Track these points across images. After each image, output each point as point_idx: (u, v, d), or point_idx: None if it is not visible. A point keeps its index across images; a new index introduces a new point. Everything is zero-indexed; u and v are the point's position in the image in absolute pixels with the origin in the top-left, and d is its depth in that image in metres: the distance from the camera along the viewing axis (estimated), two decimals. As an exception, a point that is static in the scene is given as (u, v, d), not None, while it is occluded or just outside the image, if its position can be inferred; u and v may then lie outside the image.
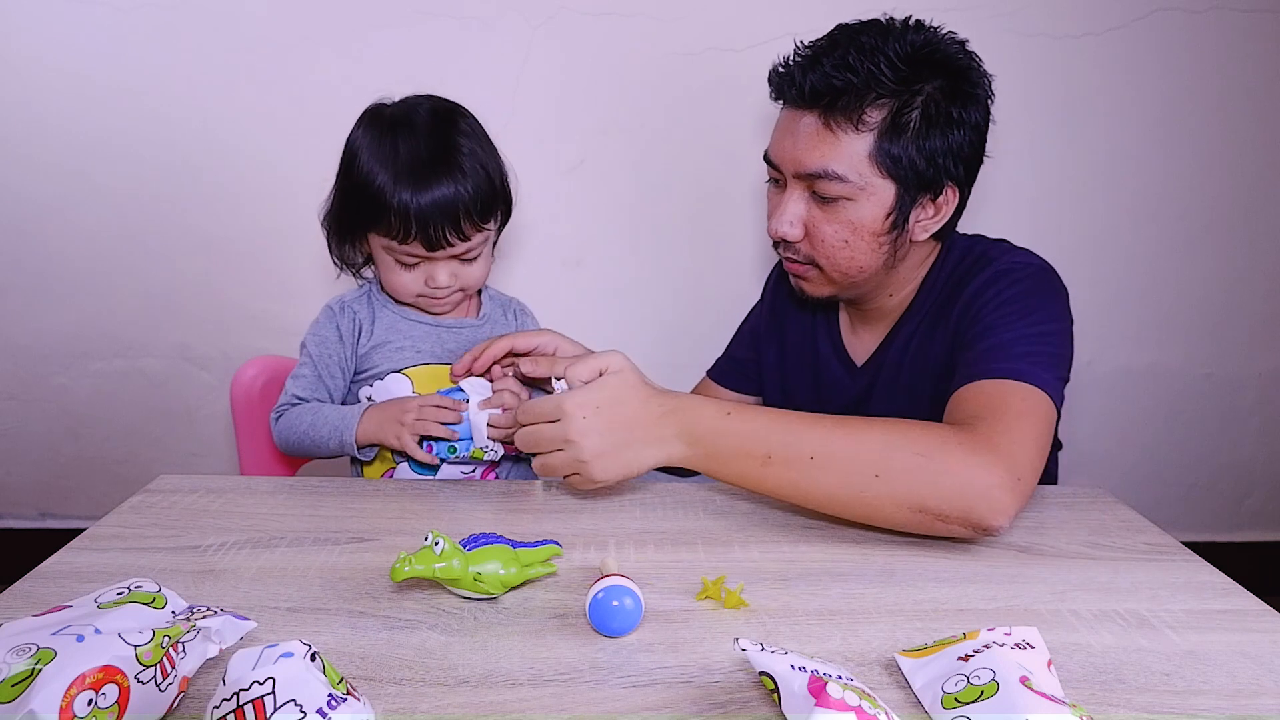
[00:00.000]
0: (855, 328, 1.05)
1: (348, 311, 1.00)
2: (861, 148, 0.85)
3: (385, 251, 0.94)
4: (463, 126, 0.94)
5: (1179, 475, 1.78)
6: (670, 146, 1.54)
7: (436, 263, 0.94)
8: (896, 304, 0.99)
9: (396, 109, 0.95)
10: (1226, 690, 0.56)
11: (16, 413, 1.66)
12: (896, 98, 0.83)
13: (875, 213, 0.87)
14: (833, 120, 0.85)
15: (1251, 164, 1.58)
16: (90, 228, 1.54)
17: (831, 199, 0.87)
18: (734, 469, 0.76)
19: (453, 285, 0.95)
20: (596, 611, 0.60)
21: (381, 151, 0.90)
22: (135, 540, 0.74)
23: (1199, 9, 1.49)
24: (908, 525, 0.74)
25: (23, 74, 1.46)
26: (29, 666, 0.45)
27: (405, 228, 0.89)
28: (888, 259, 0.91)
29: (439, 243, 0.90)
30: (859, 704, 0.44)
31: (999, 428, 0.75)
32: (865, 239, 0.89)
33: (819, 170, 0.86)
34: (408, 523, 0.80)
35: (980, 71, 0.88)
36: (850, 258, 0.90)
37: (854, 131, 0.84)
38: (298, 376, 0.99)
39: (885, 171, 0.85)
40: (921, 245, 0.94)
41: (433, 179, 0.88)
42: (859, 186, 0.86)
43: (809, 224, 0.90)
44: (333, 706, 0.44)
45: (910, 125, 0.84)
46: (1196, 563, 0.74)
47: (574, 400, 0.76)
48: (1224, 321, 1.67)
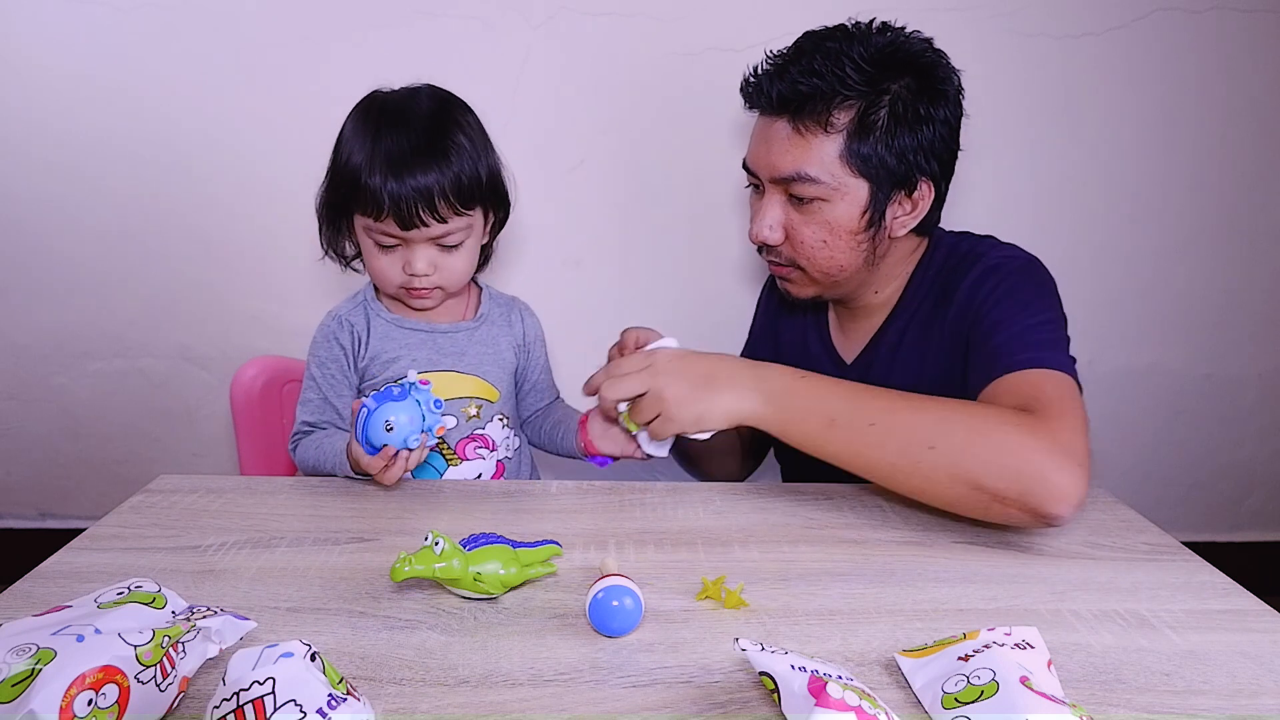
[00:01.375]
0: (844, 326, 1.06)
1: (345, 325, 0.99)
2: (832, 149, 0.87)
3: (365, 233, 0.93)
4: (456, 116, 0.93)
5: (1179, 475, 1.78)
6: (670, 146, 1.54)
7: (414, 247, 0.92)
8: (883, 300, 1.00)
9: (395, 94, 0.95)
10: (1226, 690, 0.56)
11: (16, 413, 1.66)
12: (863, 98, 0.85)
13: (851, 212, 0.89)
14: (802, 124, 0.87)
15: (1251, 164, 1.58)
16: (90, 228, 1.54)
17: (808, 200, 0.89)
18: (800, 429, 0.80)
19: (431, 275, 0.93)
20: (596, 611, 0.60)
21: (367, 130, 0.90)
22: (135, 540, 0.74)
23: (1199, 9, 1.49)
24: (964, 503, 0.75)
25: (23, 74, 1.46)
26: (29, 666, 0.45)
27: (378, 202, 0.88)
28: (868, 256, 0.93)
29: (412, 220, 0.88)
30: (859, 704, 0.44)
31: (1051, 414, 0.75)
32: (843, 238, 0.90)
33: (792, 173, 0.88)
34: (408, 523, 0.80)
35: (948, 68, 0.89)
36: (830, 257, 0.92)
37: (823, 134, 0.86)
38: (305, 402, 0.98)
39: (857, 171, 0.87)
40: (904, 241, 0.96)
41: (413, 158, 0.88)
42: (832, 187, 0.88)
43: (788, 227, 0.92)
44: (333, 706, 0.44)
45: (878, 124, 0.86)
46: (1196, 563, 0.74)
47: (664, 352, 0.85)
48: (1224, 321, 1.67)
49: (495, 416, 1.03)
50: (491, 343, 1.04)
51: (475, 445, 1.01)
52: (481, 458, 1.02)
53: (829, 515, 0.83)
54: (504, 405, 1.04)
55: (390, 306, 1.01)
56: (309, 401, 0.98)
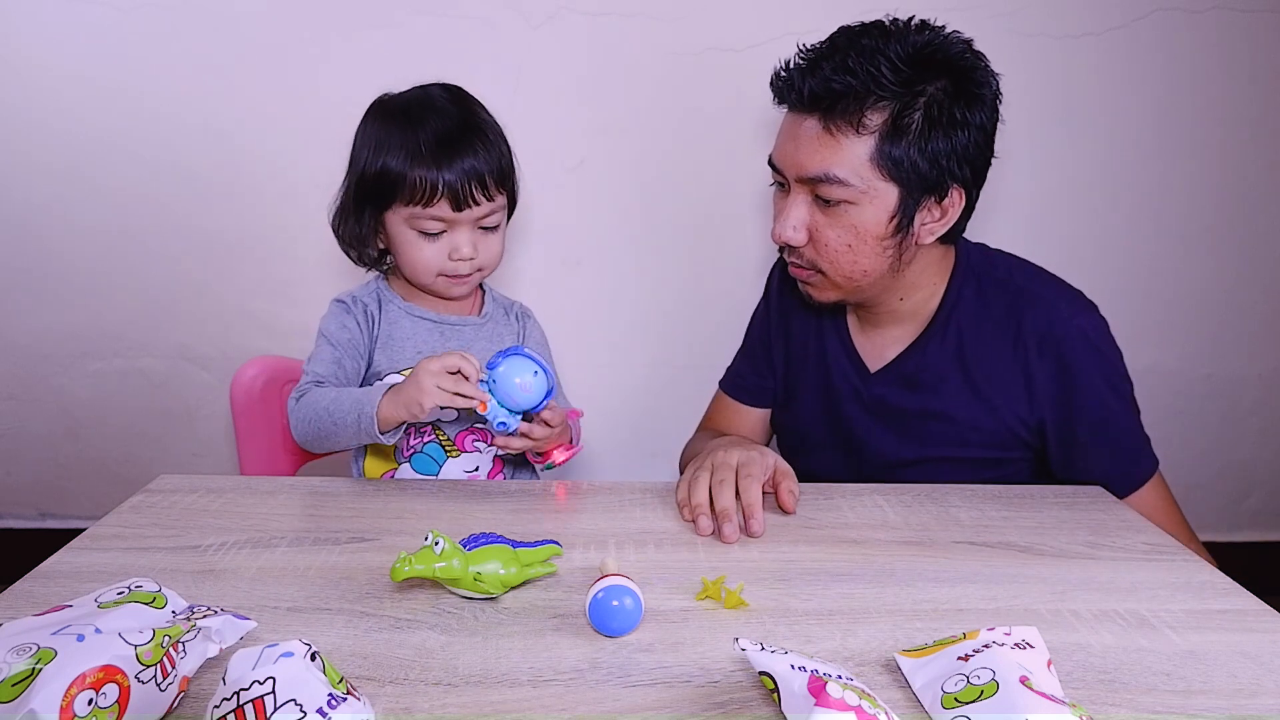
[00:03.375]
0: (866, 331, 1.03)
1: (359, 304, 1.00)
2: (862, 151, 0.84)
3: (408, 225, 0.93)
4: (474, 104, 0.97)
5: (1179, 475, 1.77)
6: (670, 146, 1.54)
7: (460, 230, 0.94)
8: (910, 310, 0.98)
9: (409, 94, 0.97)
10: (1226, 690, 0.56)
11: (16, 413, 1.66)
12: (897, 100, 0.82)
13: (878, 216, 0.87)
14: (832, 124, 0.84)
15: (1251, 164, 1.58)
16: (90, 228, 1.54)
17: (834, 203, 0.87)
18: None
19: (475, 258, 0.95)
20: (596, 611, 0.60)
21: (397, 125, 0.92)
22: (135, 540, 0.74)
23: (1199, 9, 1.49)
24: None
25: (23, 74, 1.46)
26: (29, 666, 0.45)
27: (432, 186, 0.90)
28: (893, 263, 0.90)
29: (466, 200, 0.91)
30: (859, 704, 0.44)
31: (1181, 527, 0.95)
32: (869, 243, 0.88)
33: (820, 174, 0.86)
34: (408, 523, 0.80)
35: (987, 71, 0.87)
36: (854, 262, 0.90)
37: (854, 135, 0.84)
38: (317, 359, 0.96)
39: (887, 174, 0.85)
40: (930, 249, 0.93)
41: (459, 140, 0.91)
42: (861, 190, 0.85)
43: (812, 229, 0.89)
44: (333, 706, 0.44)
45: (912, 127, 0.83)
46: (1196, 563, 0.74)
47: None
48: (1224, 321, 1.67)
49: None
50: (496, 339, 1.05)
51: (473, 438, 1.01)
52: (479, 450, 1.02)
53: (829, 515, 0.83)
54: None
55: (403, 294, 1.02)
56: (322, 359, 0.96)
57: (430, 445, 1.00)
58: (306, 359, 0.98)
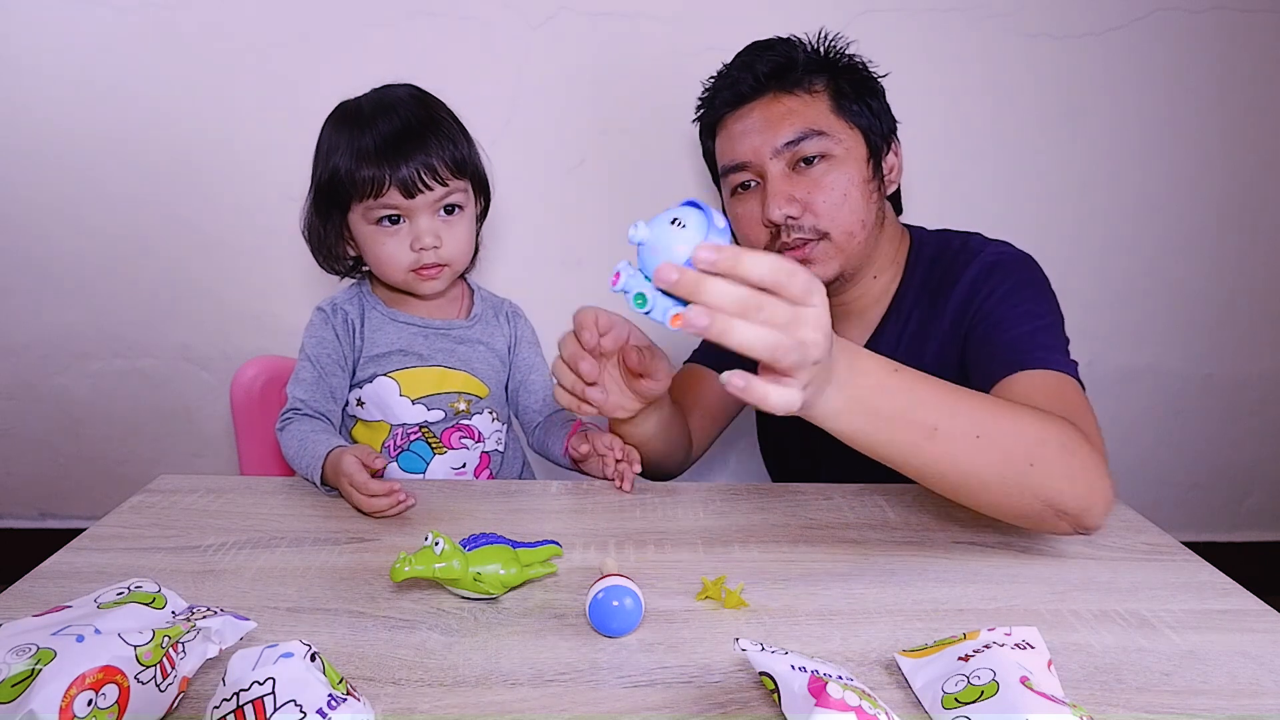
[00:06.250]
0: (837, 324, 1.04)
1: (340, 312, 0.99)
2: (824, 106, 0.94)
3: (366, 221, 0.94)
4: (433, 101, 0.98)
5: (1179, 475, 1.78)
6: (670, 146, 1.53)
7: (419, 217, 0.93)
8: (878, 293, 1.01)
9: (363, 96, 0.97)
10: (1226, 690, 0.56)
11: (16, 413, 1.66)
12: (828, 70, 0.95)
13: (858, 163, 0.94)
14: (789, 92, 0.93)
15: (1251, 164, 1.58)
16: (90, 228, 1.54)
17: (815, 161, 0.92)
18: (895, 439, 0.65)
19: (439, 247, 0.94)
20: (596, 611, 0.60)
21: (348, 128, 0.93)
22: (135, 540, 0.74)
23: (1199, 9, 1.49)
24: (1027, 517, 0.70)
25: (23, 75, 1.46)
26: (29, 666, 0.45)
27: (379, 179, 0.90)
28: (878, 213, 0.97)
29: (416, 185, 0.91)
30: (859, 704, 0.44)
31: (1088, 425, 0.74)
32: (859, 188, 0.94)
33: (802, 131, 0.92)
34: (408, 523, 0.80)
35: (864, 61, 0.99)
36: (852, 211, 0.93)
37: (809, 96, 0.94)
38: (299, 380, 0.97)
39: (850, 122, 0.94)
40: (893, 225, 1.00)
41: (408, 136, 0.91)
42: (837, 140, 0.93)
43: (803, 197, 0.93)
44: (333, 706, 0.44)
45: (848, 87, 0.95)
46: (1196, 563, 0.74)
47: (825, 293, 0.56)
48: (1224, 321, 1.67)
49: (485, 410, 1.04)
50: (484, 341, 1.04)
51: (460, 435, 1.02)
52: (466, 447, 1.02)
53: (829, 515, 0.83)
54: (493, 401, 1.05)
55: (386, 300, 1.02)
56: (303, 381, 0.96)
57: (416, 443, 1.00)
58: (291, 376, 0.98)
